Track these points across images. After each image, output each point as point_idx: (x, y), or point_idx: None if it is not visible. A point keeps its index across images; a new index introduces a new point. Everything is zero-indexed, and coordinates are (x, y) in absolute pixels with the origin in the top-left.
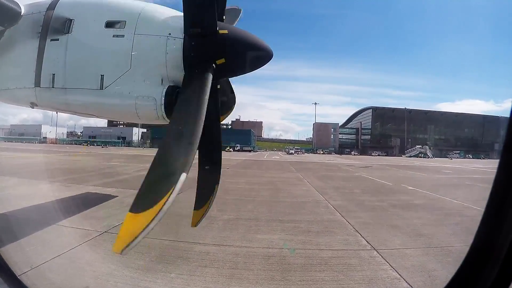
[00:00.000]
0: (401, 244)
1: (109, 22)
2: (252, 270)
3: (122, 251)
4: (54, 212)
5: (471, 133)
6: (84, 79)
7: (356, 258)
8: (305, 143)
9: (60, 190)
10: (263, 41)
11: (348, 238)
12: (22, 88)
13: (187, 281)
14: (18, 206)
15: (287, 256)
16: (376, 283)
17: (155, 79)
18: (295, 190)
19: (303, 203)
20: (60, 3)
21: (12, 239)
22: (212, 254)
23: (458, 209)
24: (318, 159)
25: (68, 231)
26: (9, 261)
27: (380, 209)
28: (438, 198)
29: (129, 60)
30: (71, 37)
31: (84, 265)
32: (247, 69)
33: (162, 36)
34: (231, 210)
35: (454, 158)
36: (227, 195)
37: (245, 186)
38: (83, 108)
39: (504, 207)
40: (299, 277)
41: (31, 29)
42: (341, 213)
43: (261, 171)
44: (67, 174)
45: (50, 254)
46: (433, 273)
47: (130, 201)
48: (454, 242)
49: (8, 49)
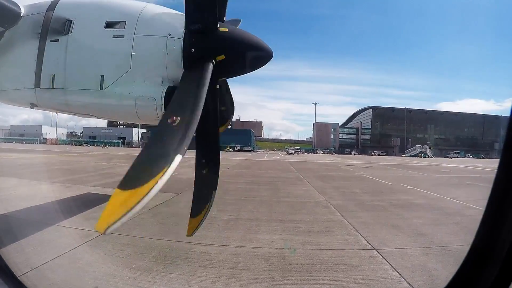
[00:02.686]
0: (401, 243)
1: (109, 22)
2: (252, 270)
3: (106, 230)
4: (55, 213)
5: (471, 133)
6: (84, 80)
7: (356, 258)
8: (305, 143)
9: (60, 190)
10: (263, 41)
11: (348, 238)
12: (22, 89)
13: (187, 281)
14: (19, 206)
15: (287, 256)
16: (377, 283)
17: (155, 80)
18: (295, 190)
19: (303, 203)
20: (60, 4)
21: (12, 240)
22: (212, 254)
23: (458, 208)
24: (318, 159)
25: (69, 232)
26: (9, 261)
27: (380, 209)
28: (438, 198)
29: (129, 60)
30: (71, 37)
31: (84, 266)
32: (247, 69)
33: (162, 36)
34: (231, 210)
35: (454, 158)
36: (227, 195)
37: (245, 186)
38: (83, 108)
39: (504, 207)
40: (300, 277)
41: (31, 30)
42: (341, 213)
43: (261, 171)
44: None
45: (50, 254)
46: (434, 272)
47: None
48: (455, 242)
49: (8, 50)
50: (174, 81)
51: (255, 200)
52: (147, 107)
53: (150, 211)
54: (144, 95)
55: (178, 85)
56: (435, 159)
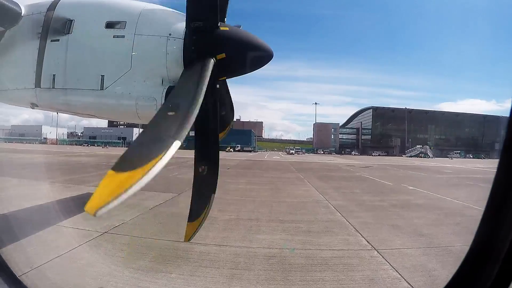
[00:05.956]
0: (402, 244)
1: (109, 22)
2: (252, 270)
3: (96, 212)
4: (55, 213)
5: (472, 133)
6: (84, 80)
7: (356, 258)
8: (306, 143)
9: (60, 190)
10: (264, 41)
11: (349, 238)
12: (23, 89)
13: (187, 281)
14: (19, 206)
15: (287, 256)
16: (377, 283)
17: (155, 80)
18: (296, 190)
19: (303, 203)
20: (60, 4)
21: (13, 239)
22: (212, 254)
23: (458, 209)
24: (319, 159)
25: (69, 232)
26: (10, 261)
27: (381, 209)
28: (439, 198)
29: (129, 60)
30: (72, 37)
31: (85, 266)
32: (247, 69)
33: (162, 36)
34: (232, 210)
35: (454, 158)
36: (228, 195)
37: (245, 186)
38: (83, 108)
39: (504, 207)
40: (300, 277)
41: (31, 30)
42: (342, 213)
43: (262, 171)
44: None
45: (50, 254)
46: (434, 272)
47: (130, 202)
48: (455, 242)
49: (9, 49)
50: (175, 81)
51: (256, 200)
52: (148, 107)
53: (151, 211)
54: (145, 95)
55: (178, 81)
56: (436, 159)
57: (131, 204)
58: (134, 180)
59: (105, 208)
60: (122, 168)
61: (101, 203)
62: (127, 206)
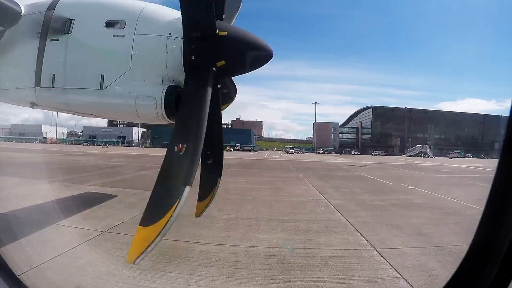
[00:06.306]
0: (401, 243)
1: (109, 22)
2: (252, 269)
3: (135, 261)
4: (54, 212)
5: (471, 132)
6: (84, 79)
7: (356, 258)
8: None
9: (60, 190)
10: (263, 41)
11: (348, 237)
12: (22, 88)
13: (187, 281)
14: (18, 206)
15: (287, 255)
16: (376, 283)
17: (155, 79)
18: (295, 190)
19: (303, 202)
20: (60, 3)
21: (12, 239)
22: (212, 253)
23: (458, 208)
24: (318, 159)
25: (68, 231)
26: (9, 260)
27: (380, 208)
28: (438, 198)
29: (129, 60)
30: (71, 37)
31: (84, 265)
32: (247, 69)
33: (162, 36)
34: (231, 209)
35: (454, 158)
36: (228, 195)
37: (245, 186)
38: (83, 108)
39: (503, 207)
40: (299, 276)
41: (31, 29)
42: (341, 213)
43: (261, 171)
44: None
45: (50, 253)
46: (433, 272)
47: (130, 201)
48: (454, 242)
49: (8, 49)
50: (174, 80)
51: (255, 200)
52: (147, 106)
53: None
54: (144, 94)
55: (180, 104)
56: (435, 158)
57: (131, 204)
58: (158, 231)
59: (140, 257)
60: (147, 222)
61: (137, 254)
62: (126, 205)
